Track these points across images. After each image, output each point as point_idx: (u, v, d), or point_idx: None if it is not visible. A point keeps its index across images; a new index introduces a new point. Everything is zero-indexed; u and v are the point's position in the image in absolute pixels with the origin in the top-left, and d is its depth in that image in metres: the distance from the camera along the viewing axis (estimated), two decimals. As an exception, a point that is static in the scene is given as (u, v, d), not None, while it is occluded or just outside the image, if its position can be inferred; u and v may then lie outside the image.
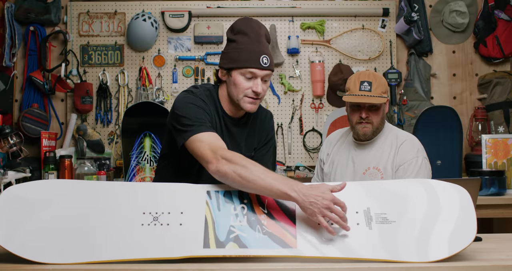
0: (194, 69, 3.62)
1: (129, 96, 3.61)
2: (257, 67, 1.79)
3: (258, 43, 1.81)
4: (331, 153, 2.38)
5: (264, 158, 2.03)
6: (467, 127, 3.60)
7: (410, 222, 1.52)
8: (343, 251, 1.47)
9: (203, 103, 1.84)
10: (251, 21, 1.85)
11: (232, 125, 1.92)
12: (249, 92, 1.81)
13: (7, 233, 1.47)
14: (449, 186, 1.57)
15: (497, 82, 3.60)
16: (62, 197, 1.56)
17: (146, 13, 3.57)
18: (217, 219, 1.54)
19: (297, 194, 1.48)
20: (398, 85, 3.65)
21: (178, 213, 1.56)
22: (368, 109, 2.20)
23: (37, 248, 1.46)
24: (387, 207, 1.56)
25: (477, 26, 3.70)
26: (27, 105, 3.52)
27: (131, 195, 1.60)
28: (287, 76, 3.65)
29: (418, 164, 2.18)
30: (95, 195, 1.58)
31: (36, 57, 3.58)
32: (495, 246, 1.74)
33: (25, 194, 1.55)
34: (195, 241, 1.48)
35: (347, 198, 1.56)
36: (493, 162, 3.20)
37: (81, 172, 3.24)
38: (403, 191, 1.58)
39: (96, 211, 1.55)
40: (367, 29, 3.68)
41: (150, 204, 1.57)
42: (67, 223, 1.52)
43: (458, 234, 1.47)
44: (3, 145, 3.13)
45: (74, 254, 1.46)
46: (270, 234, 1.50)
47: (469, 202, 1.53)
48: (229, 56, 1.83)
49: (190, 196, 1.60)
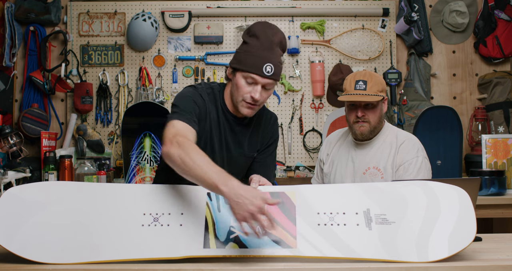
0: (194, 69, 3.62)
1: (129, 96, 3.61)
2: (259, 74, 1.77)
3: (268, 51, 1.79)
4: (331, 153, 2.38)
5: (266, 161, 2.03)
6: (467, 127, 3.60)
7: (409, 222, 1.52)
8: (343, 251, 1.47)
9: (200, 98, 1.85)
10: (268, 27, 1.82)
11: (235, 124, 1.92)
12: (247, 97, 1.80)
13: (7, 233, 1.47)
14: (448, 187, 1.57)
15: (497, 82, 3.60)
16: (62, 199, 1.57)
17: (146, 13, 3.57)
18: (217, 220, 1.54)
19: (228, 189, 1.42)
20: (398, 85, 3.65)
21: (179, 214, 1.56)
22: (364, 108, 2.21)
23: (37, 248, 1.46)
24: (387, 208, 1.56)
25: (477, 26, 3.70)
26: (27, 105, 3.53)
27: (132, 196, 1.60)
28: (287, 76, 3.65)
29: (419, 164, 2.18)
30: (95, 197, 1.59)
31: (36, 57, 3.58)
32: (495, 246, 1.74)
33: (25, 196, 1.55)
34: (195, 241, 1.48)
35: (347, 200, 1.56)
36: (493, 162, 3.20)
37: (81, 172, 3.24)
38: (402, 192, 1.59)
39: (96, 212, 1.55)
40: (367, 29, 3.68)
41: (151, 205, 1.58)
42: (67, 224, 1.52)
43: (458, 235, 1.47)
44: (3, 145, 3.13)
45: (74, 254, 1.46)
46: (270, 234, 1.50)
47: (468, 203, 1.53)
48: (238, 57, 1.83)
49: (191, 197, 1.60)
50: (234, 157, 1.93)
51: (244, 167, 2.00)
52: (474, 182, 1.72)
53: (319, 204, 1.59)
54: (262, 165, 2.00)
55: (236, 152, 1.93)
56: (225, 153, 1.92)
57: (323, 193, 1.63)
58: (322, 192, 1.65)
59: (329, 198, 1.61)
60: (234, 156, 1.93)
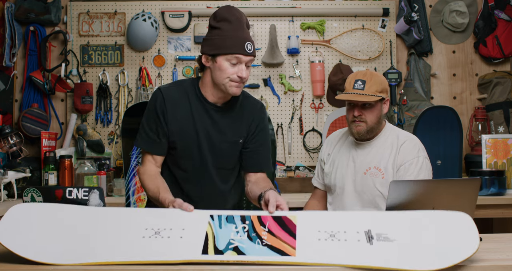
0: (194, 69, 3.62)
1: (129, 96, 3.61)
2: (242, 53, 1.87)
3: (242, 30, 1.89)
4: (332, 153, 2.38)
5: (259, 151, 2.07)
6: (467, 127, 3.60)
7: (412, 240, 1.51)
8: (342, 260, 1.47)
9: (162, 102, 1.96)
10: (233, 9, 1.93)
11: (215, 112, 1.99)
12: (234, 77, 1.89)
13: (11, 236, 1.51)
14: (452, 215, 1.56)
15: (497, 82, 3.60)
16: (66, 216, 1.62)
17: (146, 13, 3.57)
18: (217, 234, 1.56)
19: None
20: (398, 85, 3.65)
21: (180, 229, 1.59)
22: (361, 107, 2.21)
23: (38, 250, 1.49)
24: (389, 229, 1.56)
25: (477, 26, 3.70)
26: (27, 105, 3.53)
27: (135, 215, 1.68)
28: (287, 76, 3.65)
29: (419, 164, 2.18)
30: (99, 218, 1.63)
31: (36, 57, 3.58)
32: (495, 246, 1.74)
33: (31, 211, 1.62)
34: (193, 249, 1.50)
35: (348, 221, 1.59)
36: (493, 162, 3.20)
37: (81, 172, 3.24)
38: (406, 217, 1.59)
39: (99, 225, 1.61)
40: (367, 29, 3.68)
41: (153, 222, 1.63)
42: (69, 233, 1.57)
43: (457, 252, 1.46)
44: (3, 145, 3.13)
45: (75, 257, 1.49)
46: (270, 245, 1.51)
47: (471, 226, 1.51)
48: (214, 43, 1.89)
49: (193, 216, 1.66)
50: (216, 144, 2.00)
51: (231, 153, 2.05)
52: (474, 182, 1.72)
53: (320, 224, 1.61)
54: (254, 154, 2.06)
55: (218, 139, 2.00)
56: (207, 141, 1.99)
57: (324, 216, 1.68)
58: (323, 215, 1.70)
59: (331, 220, 1.64)
60: (216, 143, 2.00)
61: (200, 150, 1.99)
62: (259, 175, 2.05)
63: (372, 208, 2.21)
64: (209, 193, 2.04)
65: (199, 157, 2.00)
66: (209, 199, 2.03)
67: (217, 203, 2.03)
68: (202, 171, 2.01)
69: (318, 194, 2.46)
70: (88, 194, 1.71)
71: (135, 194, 3.00)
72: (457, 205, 1.67)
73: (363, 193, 2.22)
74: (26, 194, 1.75)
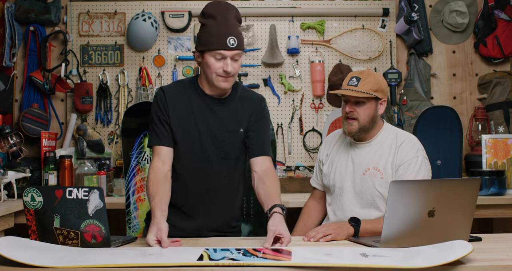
0: (194, 69, 3.62)
1: (129, 96, 3.61)
2: (225, 48, 1.91)
3: (225, 25, 1.92)
4: (331, 154, 2.38)
5: (259, 142, 2.09)
6: (467, 127, 3.60)
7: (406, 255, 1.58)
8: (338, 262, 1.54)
9: (164, 100, 2.04)
10: (219, 4, 1.97)
11: (214, 104, 2.05)
12: (220, 72, 1.94)
13: (8, 248, 1.56)
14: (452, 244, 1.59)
15: (497, 82, 3.60)
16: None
17: (146, 13, 3.58)
18: (212, 255, 1.61)
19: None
20: (398, 85, 3.65)
21: (175, 252, 1.68)
22: (354, 104, 2.20)
23: (34, 256, 1.56)
24: (383, 252, 1.62)
25: (477, 26, 3.70)
26: (27, 105, 3.53)
27: (132, 251, 1.73)
28: (287, 76, 3.65)
29: (418, 164, 2.18)
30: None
31: (36, 57, 3.58)
32: (495, 246, 1.74)
33: (17, 241, 1.68)
34: (189, 257, 1.57)
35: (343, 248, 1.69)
36: (493, 162, 3.20)
37: (81, 172, 3.24)
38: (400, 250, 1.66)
39: (96, 252, 1.68)
40: (367, 29, 3.68)
41: (151, 250, 1.71)
42: (65, 250, 1.67)
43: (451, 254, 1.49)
44: (3, 145, 3.13)
45: (69, 261, 1.54)
46: (265, 259, 1.56)
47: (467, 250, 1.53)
48: (201, 40, 1.96)
49: (189, 249, 1.73)
50: (217, 134, 2.04)
51: (233, 143, 2.07)
52: (474, 182, 1.72)
53: (315, 248, 1.75)
54: (257, 140, 2.09)
55: (219, 129, 2.04)
56: (207, 131, 2.04)
57: (320, 249, 1.75)
58: (319, 248, 1.77)
59: (326, 248, 1.74)
60: (217, 133, 2.04)
61: (200, 141, 2.03)
62: (265, 167, 2.06)
63: (372, 208, 2.21)
64: (214, 186, 2.06)
65: (200, 148, 2.03)
66: (214, 195, 2.07)
67: (223, 198, 2.08)
68: (204, 162, 2.04)
69: (317, 195, 2.46)
70: (88, 194, 1.72)
71: (135, 194, 3.00)
72: (457, 205, 1.68)
73: (362, 193, 2.22)
74: (26, 194, 1.75)
